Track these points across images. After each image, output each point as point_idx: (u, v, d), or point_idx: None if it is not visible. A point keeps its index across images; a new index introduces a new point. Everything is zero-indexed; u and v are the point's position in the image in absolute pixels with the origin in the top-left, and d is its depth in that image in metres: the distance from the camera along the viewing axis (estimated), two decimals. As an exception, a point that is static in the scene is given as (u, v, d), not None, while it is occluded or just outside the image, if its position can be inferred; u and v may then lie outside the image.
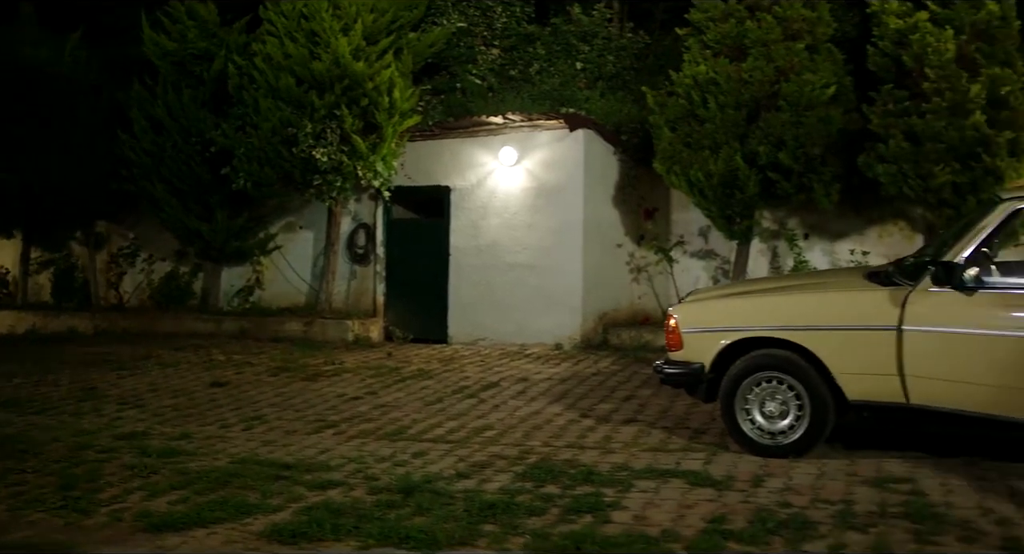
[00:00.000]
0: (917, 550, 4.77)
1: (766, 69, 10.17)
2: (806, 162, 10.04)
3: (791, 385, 6.38)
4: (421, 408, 8.47)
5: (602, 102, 12.47)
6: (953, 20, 9.65)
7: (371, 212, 13.27)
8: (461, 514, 5.41)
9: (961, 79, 9.46)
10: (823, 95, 10.09)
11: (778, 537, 4.97)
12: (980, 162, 9.33)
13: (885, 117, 9.73)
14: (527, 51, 13.93)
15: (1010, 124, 9.49)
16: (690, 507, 5.49)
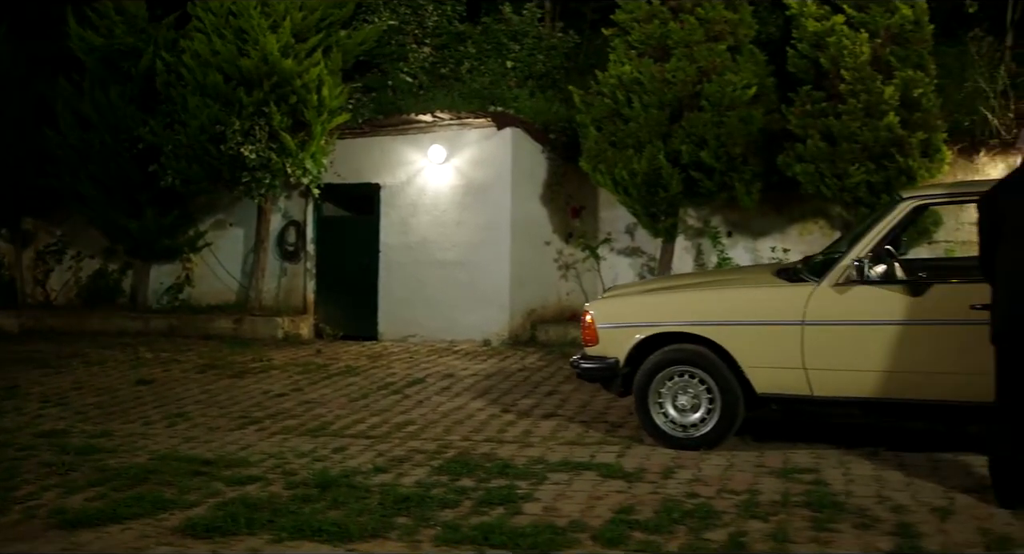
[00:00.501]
0: (814, 537, 4.94)
1: (689, 70, 10.35)
2: (727, 161, 10.24)
3: (702, 379, 6.55)
4: (345, 404, 8.54)
5: (531, 101, 12.60)
6: (868, 24, 9.90)
7: (302, 209, 13.29)
8: (375, 507, 5.50)
9: (875, 81, 9.71)
10: (744, 95, 10.29)
11: (682, 526, 5.12)
12: (894, 162, 9.59)
13: (803, 118, 9.96)
14: (458, 50, 14.02)
15: (923, 125, 9.77)
16: (600, 498, 5.62)
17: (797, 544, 4.85)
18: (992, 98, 10.22)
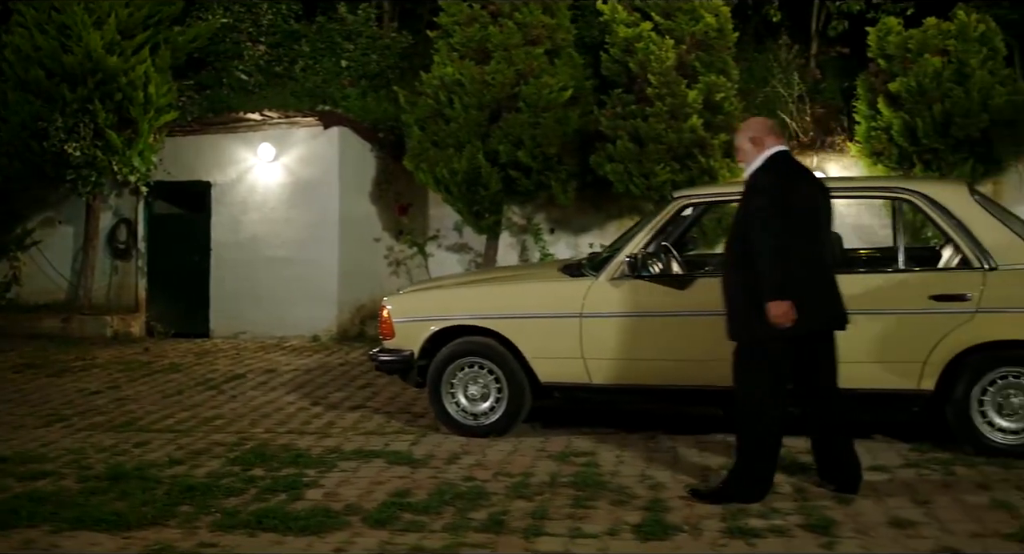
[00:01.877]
0: (571, 514, 5.30)
1: (507, 72, 10.69)
2: (544, 161, 10.62)
3: (491, 370, 6.88)
4: (159, 400, 8.62)
5: (361, 100, 12.79)
6: (674, 31, 10.40)
7: (133, 207, 13.22)
8: (161, 497, 5.66)
9: (680, 85, 10.21)
10: (560, 97, 10.68)
11: (451, 507, 5.42)
12: (696, 162, 10.11)
13: (614, 119, 10.40)
14: (293, 48, 14.12)
15: (725, 127, 10.30)
16: (381, 484, 5.90)
17: (553, 520, 5.20)
18: (790, 103, 10.83)
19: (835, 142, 10.84)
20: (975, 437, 6.13)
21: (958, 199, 6.28)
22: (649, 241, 6.64)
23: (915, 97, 9.66)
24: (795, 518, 5.15)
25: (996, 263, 6.06)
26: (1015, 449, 6.06)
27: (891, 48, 10.03)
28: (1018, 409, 6.07)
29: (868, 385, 6.26)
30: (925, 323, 6.10)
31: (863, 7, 11.49)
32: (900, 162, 9.90)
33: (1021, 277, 6.05)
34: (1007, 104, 9.46)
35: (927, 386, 6.16)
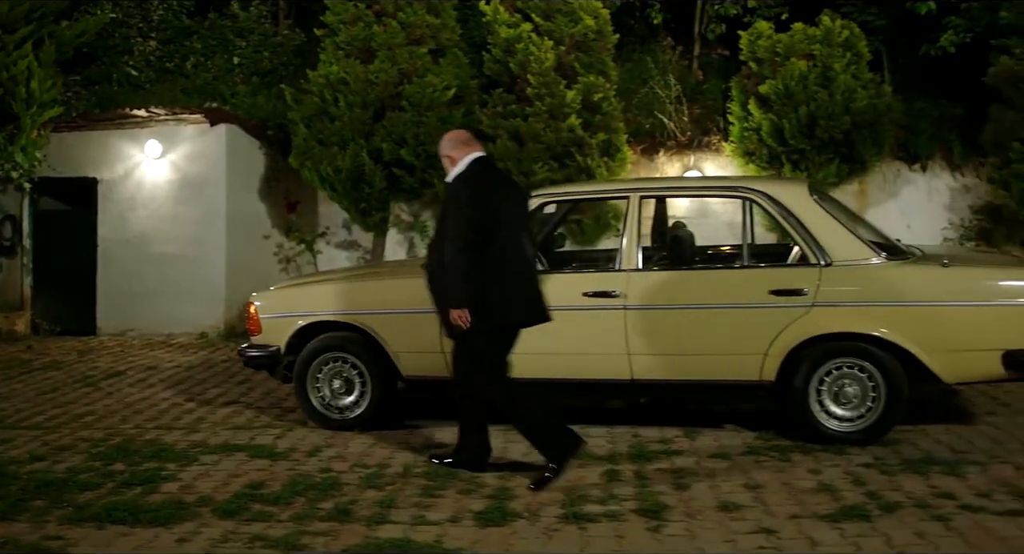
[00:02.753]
0: (417, 502, 5.48)
1: (390, 71, 10.81)
2: (427, 159, 10.75)
3: (355, 364, 7.03)
4: (32, 398, 8.60)
5: (251, 98, 12.82)
6: (554, 32, 10.62)
7: (18, 203, 13.06)
8: (15, 492, 5.71)
9: (559, 86, 10.44)
10: (444, 96, 10.84)
11: (302, 497, 5.57)
12: (575, 161, 10.34)
13: (495, 118, 10.59)
14: (184, 44, 14.08)
15: (604, 127, 10.56)
16: (238, 476, 6.02)
17: (399, 509, 5.38)
18: (668, 103, 11.13)
19: (711, 142, 11.16)
20: (813, 425, 6.44)
21: (798, 198, 6.58)
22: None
23: (783, 99, 10.01)
24: (631, 503, 5.39)
25: (832, 259, 6.37)
26: (849, 436, 6.39)
27: (761, 52, 10.37)
28: (852, 398, 6.39)
29: (715, 376, 6.56)
30: (766, 317, 6.39)
31: (740, 11, 11.84)
32: (770, 162, 10.24)
33: (854, 273, 6.37)
34: (868, 107, 9.85)
35: (768, 377, 6.45)
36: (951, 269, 6.38)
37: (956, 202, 10.31)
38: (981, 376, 6.43)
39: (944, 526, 4.92)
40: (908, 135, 10.48)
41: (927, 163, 10.49)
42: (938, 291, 6.32)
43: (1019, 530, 4.86)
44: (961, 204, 10.29)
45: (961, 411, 7.29)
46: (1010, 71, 9.49)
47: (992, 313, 6.27)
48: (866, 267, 6.38)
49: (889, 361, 6.31)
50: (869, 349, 6.33)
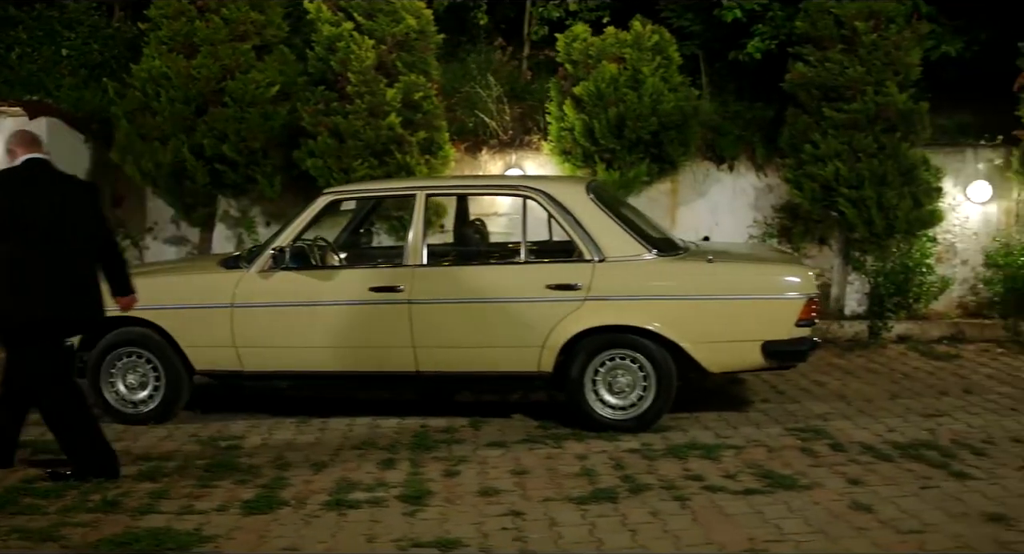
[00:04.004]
0: (190, 493, 5.61)
1: (213, 67, 10.78)
2: (249, 155, 10.78)
3: (149, 359, 7.09)
4: None
5: (77, 91, 12.62)
6: (376, 31, 10.75)
7: None
8: None
9: (380, 84, 10.58)
10: (268, 93, 10.85)
11: (75, 491, 5.64)
12: (394, 158, 10.50)
13: (315, 116, 10.66)
14: (8, 34, 13.76)
15: (425, 125, 10.73)
16: (16, 472, 6.04)
17: (170, 500, 5.50)
18: (490, 103, 11.37)
19: (532, 141, 11.44)
20: (588, 413, 6.76)
21: (574, 197, 6.89)
22: (298, 234, 7.00)
23: (594, 100, 10.33)
24: (397, 490, 5.62)
25: (605, 256, 6.70)
26: (622, 423, 6.73)
27: (576, 54, 10.68)
28: (625, 388, 6.74)
29: (496, 368, 6.83)
30: (542, 310, 6.69)
31: (562, 14, 12.17)
32: (585, 161, 10.56)
33: (625, 268, 6.71)
34: (675, 109, 10.24)
35: (546, 368, 6.76)
36: (715, 265, 6.78)
37: (760, 201, 10.80)
38: (744, 366, 6.85)
39: (680, 505, 5.28)
40: (716, 136, 10.92)
41: (734, 163, 10.93)
42: (703, 286, 6.72)
43: (748, 507, 5.24)
44: (765, 203, 10.77)
45: (738, 399, 7.69)
46: (803, 77, 9.99)
47: (753, 306, 6.68)
48: (637, 263, 6.73)
49: (659, 352, 6.67)
50: (640, 341, 6.68)
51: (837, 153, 9.70)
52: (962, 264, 10.54)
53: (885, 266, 10.15)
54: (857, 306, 10.48)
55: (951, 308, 10.51)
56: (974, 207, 10.47)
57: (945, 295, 10.48)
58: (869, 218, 9.67)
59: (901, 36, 9.86)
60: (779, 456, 6.19)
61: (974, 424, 6.89)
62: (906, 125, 9.79)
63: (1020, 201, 10.45)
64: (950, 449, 6.29)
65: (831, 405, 7.46)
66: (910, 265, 10.12)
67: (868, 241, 9.97)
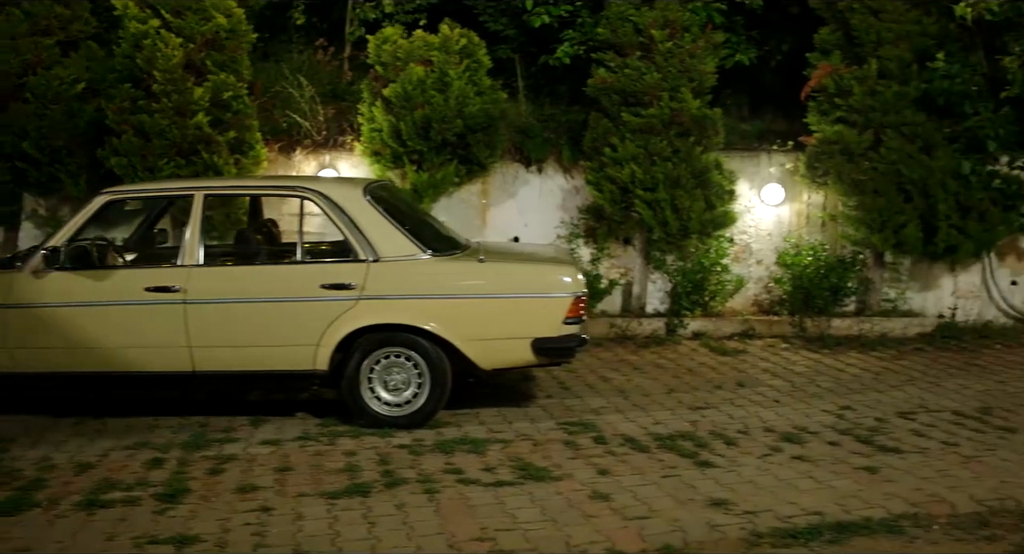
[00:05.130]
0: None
1: (13, 62, 10.56)
2: (51, 153, 10.59)
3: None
4: None
5: None
6: (184, 29, 10.66)
7: None
8: None
9: (187, 83, 10.49)
10: (73, 90, 10.67)
11: None
12: (201, 158, 10.44)
13: (120, 114, 10.52)
14: None
15: (235, 125, 10.69)
16: None
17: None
18: (303, 103, 11.40)
19: (346, 141, 11.50)
20: (365, 410, 6.89)
21: (351, 198, 7.01)
22: (73, 234, 6.94)
23: (402, 102, 10.47)
24: (156, 489, 5.65)
25: (379, 256, 6.83)
26: (397, 420, 6.88)
27: (386, 56, 10.79)
28: (399, 385, 6.89)
29: (272, 367, 6.90)
30: (317, 310, 6.79)
31: (379, 16, 12.26)
32: (395, 162, 10.69)
33: (399, 268, 6.86)
34: (481, 112, 10.44)
35: (322, 366, 6.85)
36: (486, 265, 6.98)
37: (567, 202, 11.08)
38: (515, 363, 7.06)
39: (428, 498, 5.45)
40: (525, 139, 11.16)
41: (542, 166, 11.20)
42: (474, 285, 6.91)
43: (493, 499, 5.45)
44: (572, 204, 11.06)
45: (522, 394, 7.91)
46: (604, 82, 10.32)
47: (522, 305, 6.90)
48: (411, 263, 6.88)
49: (432, 351, 6.85)
50: (414, 339, 6.84)
51: (634, 156, 10.04)
52: (757, 263, 10.99)
53: (685, 265, 10.54)
54: (660, 304, 10.85)
55: (747, 306, 10.97)
56: (768, 209, 10.94)
57: (741, 293, 10.94)
58: (664, 219, 10.04)
59: (696, 45, 10.25)
60: (542, 449, 6.41)
61: (735, 415, 7.24)
62: (700, 130, 10.19)
63: (810, 203, 10.95)
64: (705, 439, 6.62)
65: (609, 400, 7.73)
66: (706, 264, 10.53)
67: (665, 241, 10.34)
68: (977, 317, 10.78)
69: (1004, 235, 10.35)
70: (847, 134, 10.07)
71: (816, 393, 7.93)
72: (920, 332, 10.28)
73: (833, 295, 10.40)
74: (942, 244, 10.01)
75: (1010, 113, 9.91)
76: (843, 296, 10.51)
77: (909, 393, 7.89)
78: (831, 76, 10.26)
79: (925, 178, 9.87)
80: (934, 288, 10.87)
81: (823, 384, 8.23)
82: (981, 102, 9.90)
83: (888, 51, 10.04)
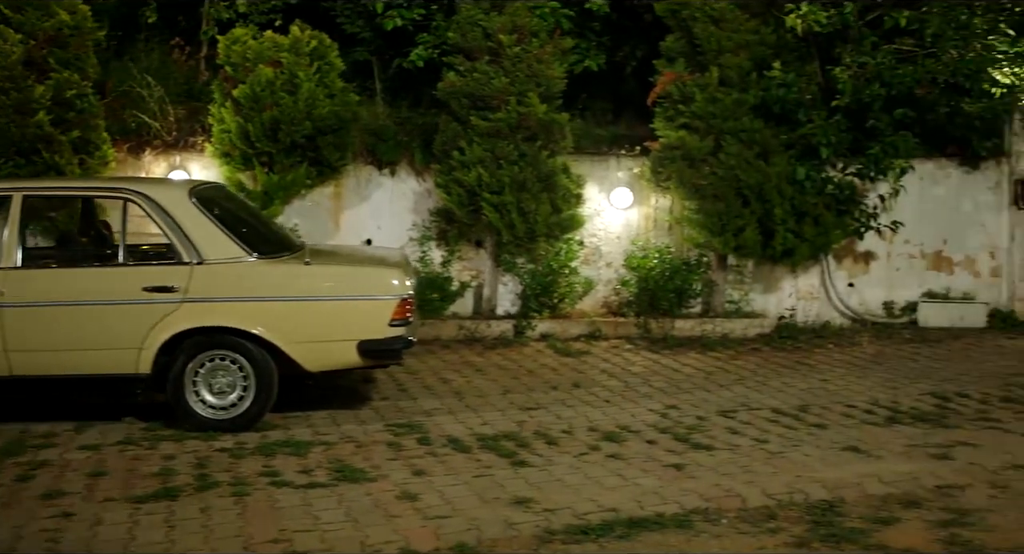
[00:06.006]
0: None
1: None
2: None
3: None
4: None
5: None
6: (25, 25, 10.41)
7: None
8: None
9: (28, 80, 10.25)
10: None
11: None
12: (42, 157, 10.21)
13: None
14: None
15: (79, 124, 10.47)
16: None
17: None
18: (152, 103, 11.23)
19: (197, 142, 11.37)
20: (189, 414, 6.85)
21: (174, 200, 6.96)
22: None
23: (251, 103, 10.40)
24: (-44, 497, 5.52)
25: (204, 258, 6.79)
26: (222, 423, 6.85)
27: (235, 57, 10.70)
28: (225, 388, 6.86)
29: (94, 371, 6.80)
30: (139, 312, 6.72)
31: (233, 16, 12.15)
32: (244, 163, 10.61)
33: (223, 270, 6.83)
34: (331, 114, 10.43)
35: (145, 370, 6.79)
36: (312, 267, 6.99)
37: (420, 205, 11.11)
38: (342, 365, 7.10)
39: (235, 501, 5.46)
40: (377, 142, 11.17)
41: (395, 168, 11.22)
42: (299, 287, 6.93)
43: (300, 500, 5.49)
44: (424, 207, 11.09)
45: (358, 396, 7.93)
46: (454, 86, 10.39)
47: (348, 307, 6.94)
48: (236, 265, 6.86)
49: (258, 353, 6.84)
50: (239, 342, 6.82)
51: (481, 160, 10.15)
52: (606, 266, 11.19)
53: (535, 268, 10.68)
54: (511, 306, 10.97)
55: (597, 307, 11.16)
56: (617, 212, 11.14)
57: (591, 295, 11.13)
58: (511, 222, 10.16)
59: (543, 50, 10.40)
60: (365, 451, 6.46)
61: (564, 416, 7.38)
62: (547, 134, 10.35)
63: (658, 207, 11.18)
64: (528, 439, 6.73)
65: (444, 401, 7.80)
66: (555, 267, 10.69)
67: (514, 244, 10.46)
68: (816, 318, 11.14)
69: (839, 239, 10.72)
70: (689, 140, 10.33)
71: (647, 393, 8.11)
72: (760, 333, 10.60)
73: (678, 297, 10.66)
74: (780, 247, 10.33)
75: (842, 121, 10.28)
76: (688, 298, 10.79)
77: (736, 392, 8.13)
78: (675, 83, 10.52)
79: (762, 183, 10.19)
80: (776, 290, 11.21)
81: (656, 384, 8.43)
82: (815, 110, 10.25)
83: (728, 59, 10.33)
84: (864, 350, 9.89)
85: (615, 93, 12.59)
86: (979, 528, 5.02)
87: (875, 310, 11.27)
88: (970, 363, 9.26)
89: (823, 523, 5.09)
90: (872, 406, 7.62)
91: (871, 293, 11.31)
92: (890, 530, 4.99)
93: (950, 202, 11.38)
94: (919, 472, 5.92)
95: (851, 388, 8.24)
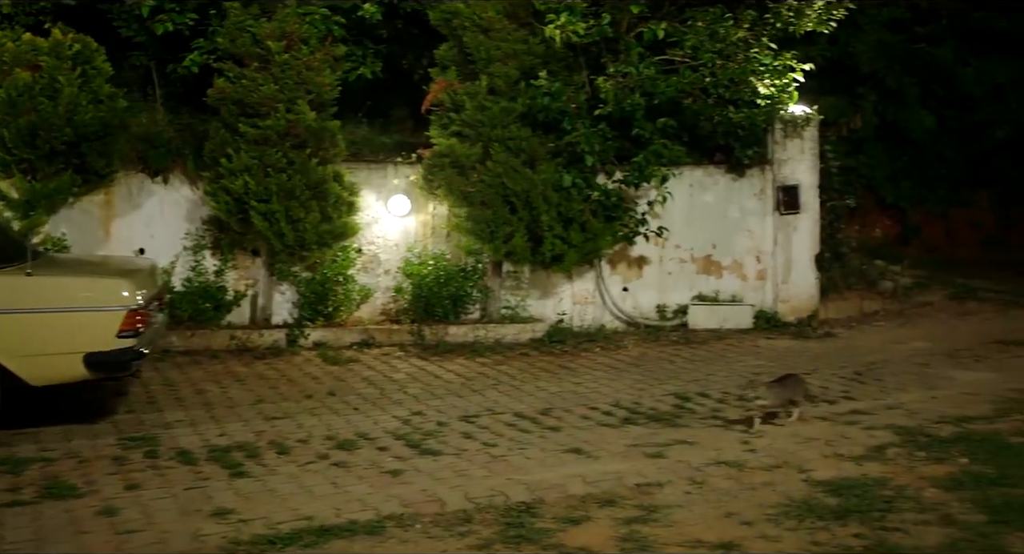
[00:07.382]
0: None
1: None
2: None
3: None
4: None
5: None
6: None
7: None
8: None
9: None
10: None
11: None
12: None
13: None
14: None
15: None
16: None
17: None
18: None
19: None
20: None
21: None
22: None
23: (7, 108, 10.03)
24: None
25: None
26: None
27: (-9, 60, 10.32)
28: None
29: None
30: None
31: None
32: (3, 170, 10.22)
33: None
34: (95, 120, 10.15)
35: None
36: (34, 278, 6.79)
37: (193, 213, 10.90)
38: (68, 378, 6.92)
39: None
40: (149, 148, 10.93)
41: (168, 176, 10.98)
42: (19, 299, 6.71)
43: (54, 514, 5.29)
44: (197, 215, 10.88)
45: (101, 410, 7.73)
46: (223, 92, 10.25)
47: (72, 319, 6.77)
48: (-50, 277, 6.60)
49: (-25, 367, 6.58)
50: (-45, 355, 6.56)
51: (248, 167, 10.04)
52: (385, 273, 11.21)
53: (310, 276, 10.63)
54: (288, 315, 10.88)
55: (375, 315, 11.17)
56: (396, 220, 11.18)
57: (370, 303, 11.13)
58: (280, 231, 10.08)
59: (314, 57, 10.36)
60: (85, 467, 6.30)
61: (306, 424, 7.36)
62: (317, 142, 10.31)
63: (435, 214, 11.26)
64: (260, 450, 6.70)
65: (190, 413, 7.69)
66: (329, 275, 10.66)
67: (286, 252, 10.38)
68: (592, 322, 11.40)
69: (609, 245, 11.00)
70: (458, 147, 10.45)
71: (399, 400, 8.16)
72: (532, 338, 10.79)
73: (453, 303, 10.77)
74: (548, 253, 10.54)
75: (606, 129, 10.55)
76: (464, 304, 10.91)
77: (487, 397, 8.25)
78: (447, 91, 10.63)
79: (528, 190, 10.38)
80: (553, 295, 11.43)
81: (412, 391, 8.49)
82: (579, 119, 10.48)
83: (497, 68, 10.50)
84: (628, 353, 10.17)
85: (405, 100, 12.63)
86: (661, 524, 5.21)
87: (649, 313, 11.60)
88: (723, 363, 9.62)
89: (515, 525, 5.21)
90: (613, 407, 7.84)
91: (645, 297, 11.64)
92: (575, 530, 5.14)
93: (718, 208, 11.81)
94: (627, 471, 6.11)
95: (600, 390, 8.46)
